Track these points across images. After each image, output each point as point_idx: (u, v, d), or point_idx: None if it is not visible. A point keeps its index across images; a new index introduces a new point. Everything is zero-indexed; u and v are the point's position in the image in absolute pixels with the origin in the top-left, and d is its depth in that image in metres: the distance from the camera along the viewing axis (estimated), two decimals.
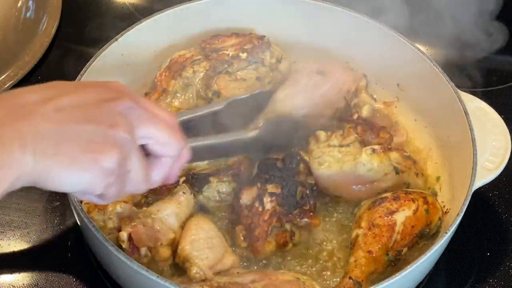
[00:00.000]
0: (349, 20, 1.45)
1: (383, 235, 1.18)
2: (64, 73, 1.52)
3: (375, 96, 1.47)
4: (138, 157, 0.85)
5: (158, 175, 0.90)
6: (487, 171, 1.23)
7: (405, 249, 1.19)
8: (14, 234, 1.29)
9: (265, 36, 1.45)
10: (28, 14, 1.60)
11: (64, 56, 1.57)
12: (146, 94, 1.40)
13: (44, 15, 1.60)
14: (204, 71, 1.40)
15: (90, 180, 0.81)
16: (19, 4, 1.59)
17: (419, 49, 1.39)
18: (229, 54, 1.40)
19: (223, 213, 1.27)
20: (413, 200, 1.21)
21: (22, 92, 0.82)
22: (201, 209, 1.26)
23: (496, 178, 1.24)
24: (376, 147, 1.26)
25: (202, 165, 1.28)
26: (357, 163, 1.24)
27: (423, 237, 1.22)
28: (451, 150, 1.34)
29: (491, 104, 1.33)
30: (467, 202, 1.16)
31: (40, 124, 0.79)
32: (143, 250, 1.16)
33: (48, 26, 1.59)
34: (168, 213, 1.18)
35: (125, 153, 0.83)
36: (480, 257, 1.32)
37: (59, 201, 1.33)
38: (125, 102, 0.85)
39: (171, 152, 0.89)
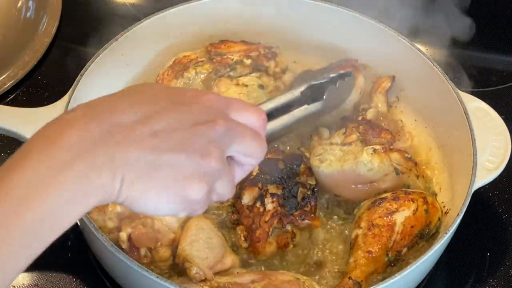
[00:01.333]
0: (349, 20, 1.45)
1: (382, 235, 1.18)
2: (64, 73, 1.52)
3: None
4: (227, 177, 0.85)
5: (239, 179, 0.90)
6: (487, 171, 1.22)
7: (404, 249, 1.19)
8: None
9: (273, 47, 1.44)
10: (28, 14, 1.59)
11: (64, 56, 1.56)
12: None
13: (44, 15, 1.60)
14: (206, 73, 1.39)
15: (175, 208, 0.81)
16: (19, 4, 1.59)
17: (419, 49, 1.39)
18: (233, 58, 1.40)
19: (223, 213, 1.26)
20: (412, 200, 1.21)
21: (117, 106, 0.80)
22: None
23: (496, 178, 1.24)
24: (377, 147, 1.26)
25: None
26: (358, 162, 1.24)
27: (422, 237, 1.22)
28: (451, 150, 1.34)
29: (491, 104, 1.33)
30: (467, 202, 1.16)
31: (134, 152, 0.77)
32: (143, 251, 1.16)
33: (48, 26, 1.59)
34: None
35: (213, 182, 0.83)
36: (480, 257, 1.32)
37: None
38: (219, 127, 0.83)
39: (255, 161, 0.89)
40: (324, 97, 1.28)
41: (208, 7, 1.46)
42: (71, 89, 1.27)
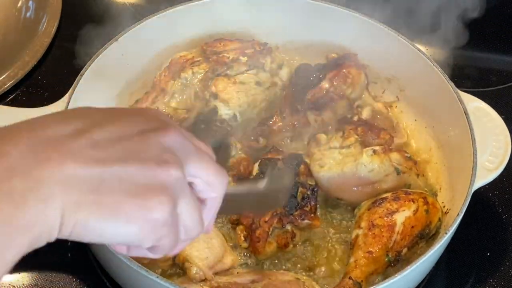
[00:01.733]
0: (348, 20, 1.45)
1: (383, 236, 1.18)
2: (64, 73, 1.51)
3: (376, 96, 1.47)
4: (191, 198, 0.70)
5: (208, 218, 0.74)
6: (487, 171, 1.23)
7: (405, 250, 1.19)
8: None
9: (267, 43, 1.44)
10: (28, 14, 1.59)
11: (64, 56, 1.56)
12: (146, 94, 1.39)
13: (44, 15, 1.60)
14: (203, 72, 1.39)
15: (137, 233, 0.65)
16: (19, 4, 1.59)
17: (419, 49, 1.39)
18: (229, 57, 1.40)
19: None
20: (413, 201, 1.21)
21: (46, 121, 0.65)
22: None
23: (496, 178, 1.24)
24: (376, 148, 1.26)
25: None
26: (358, 164, 1.24)
27: (423, 237, 1.22)
28: (451, 150, 1.34)
29: (491, 104, 1.33)
30: (467, 203, 1.16)
31: (72, 167, 0.62)
32: None
33: (48, 26, 1.59)
34: None
35: (176, 197, 0.67)
36: (480, 257, 1.32)
37: None
38: (172, 134, 0.69)
39: (218, 191, 0.74)
40: (265, 176, 1.22)
41: (207, 8, 1.46)
42: (71, 89, 1.27)
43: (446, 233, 1.12)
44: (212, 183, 0.73)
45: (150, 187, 0.65)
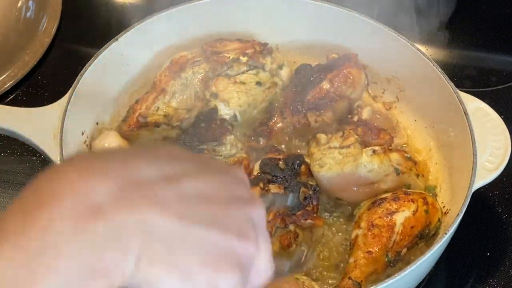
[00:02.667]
0: (349, 20, 1.45)
1: (382, 236, 1.18)
2: (64, 73, 1.52)
3: (376, 96, 1.47)
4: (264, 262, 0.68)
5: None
6: (487, 172, 1.22)
7: (404, 250, 1.19)
8: None
9: (268, 43, 1.44)
10: (28, 14, 1.59)
11: (64, 56, 1.57)
12: (146, 94, 1.39)
13: (44, 15, 1.61)
14: (204, 72, 1.40)
15: None
16: (19, 4, 1.59)
17: (419, 49, 1.39)
18: (229, 57, 1.40)
19: None
20: (412, 201, 1.21)
21: (138, 159, 0.62)
22: None
23: (496, 178, 1.24)
24: (376, 148, 1.26)
25: None
26: (358, 164, 1.24)
27: (422, 238, 1.22)
28: (451, 151, 1.33)
29: (491, 104, 1.33)
30: (467, 203, 1.16)
31: (155, 218, 0.58)
32: None
33: (48, 26, 1.60)
34: None
35: (247, 272, 0.65)
36: (480, 257, 1.32)
37: None
38: (257, 210, 0.67)
39: (264, 280, 0.70)
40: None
41: (208, 7, 1.46)
42: (70, 89, 1.27)
43: (446, 233, 1.12)
44: (264, 271, 0.69)
45: (224, 261, 0.62)
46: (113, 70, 1.37)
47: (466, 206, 1.15)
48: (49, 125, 1.22)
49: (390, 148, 1.30)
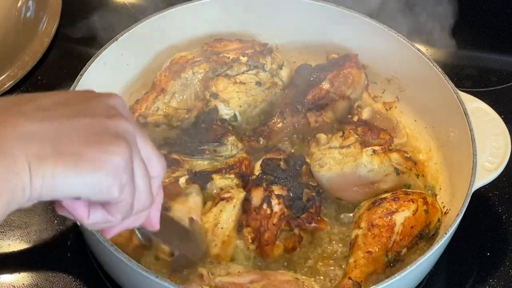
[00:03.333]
0: (349, 20, 1.45)
1: (382, 236, 1.18)
2: (64, 73, 1.52)
3: (376, 96, 1.47)
4: (142, 161, 0.73)
5: (156, 190, 0.78)
6: (487, 172, 1.23)
7: (404, 250, 1.19)
8: (14, 234, 1.29)
9: (268, 43, 1.44)
10: (28, 14, 1.59)
11: (64, 56, 1.57)
12: (145, 94, 1.40)
13: (44, 15, 1.61)
14: (204, 72, 1.40)
15: (104, 179, 0.68)
16: (19, 4, 1.59)
17: (419, 50, 1.39)
18: (229, 57, 1.40)
19: None
20: (412, 201, 1.21)
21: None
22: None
23: (496, 178, 1.24)
24: (376, 148, 1.26)
25: (202, 164, 1.27)
26: (358, 164, 1.24)
27: (422, 238, 1.22)
28: (451, 151, 1.33)
29: (491, 104, 1.33)
30: (467, 203, 1.16)
31: (26, 125, 0.66)
32: None
33: (48, 26, 1.60)
34: (184, 214, 1.17)
35: (131, 146, 0.71)
36: (480, 257, 1.32)
37: None
38: (114, 97, 0.75)
39: (158, 172, 0.77)
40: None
41: (208, 8, 1.46)
42: (71, 88, 1.27)
43: (445, 233, 1.12)
44: (152, 160, 0.75)
45: (105, 135, 0.68)
46: (113, 70, 1.37)
47: (466, 206, 1.15)
48: None
49: (390, 148, 1.30)
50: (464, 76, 1.44)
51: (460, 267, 1.31)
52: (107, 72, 1.35)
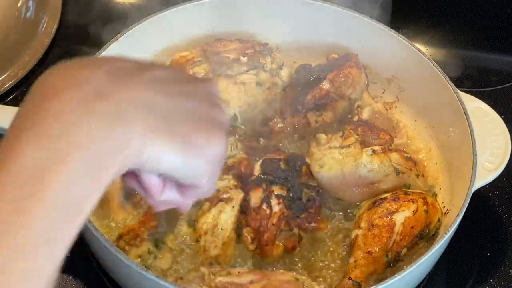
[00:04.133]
0: (349, 20, 1.45)
1: (382, 236, 1.17)
2: None
3: (375, 96, 1.48)
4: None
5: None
6: (487, 172, 1.22)
7: (404, 250, 1.19)
8: None
9: (268, 43, 1.44)
10: (28, 14, 1.59)
11: (64, 56, 1.48)
12: None
13: (44, 15, 1.60)
14: (204, 73, 1.39)
15: (203, 166, 0.69)
16: (19, 4, 1.59)
17: (419, 50, 1.39)
18: (229, 57, 1.40)
19: None
20: (412, 201, 1.21)
21: (111, 58, 0.72)
22: None
23: (496, 178, 1.24)
24: (376, 148, 1.26)
25: None
26: (358, 164, 1.24)
27: (422, 238, 1.21)
28: (451, 151, 1.33)
29: (491, 104, 1.33)
30: (467, 203, 1.15)
31: (146, 93, 0.66)
32: None
33: (48, 26, 1.59)
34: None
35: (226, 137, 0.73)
36: (480, 257, 1.32)
37: None
38: (214, 85, 0.77)
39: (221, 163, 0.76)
40: None
41: (207, 7, 1.46)
42: None
43: (446, 234, 1.12)
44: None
45: (210, 123, 0.70)
46: None
47: (466, 206, 1.15)
48: None
49: (390, 148, 1.29)
50: (464, 76, 1.43)
51: (460, 267, 1.31)
52: None
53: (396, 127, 1.40)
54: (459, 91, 1.31)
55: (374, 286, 1.04)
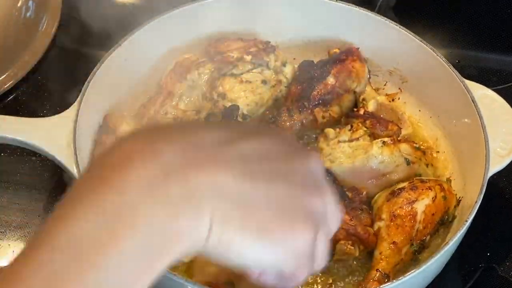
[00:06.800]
0: (347, 13, 1.44)
1: (405, 225, 1.17)
2: (64, 73, 1.51)
3: (378, 88, 1.47)
4: (326, 234, 0.67)
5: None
6: (500, 158, 1.21)
7: (428, 237, 1.19)
8: (14, 234, 1.27)
9: (270, 41, 1.43)
10: (28, 14, 1.57)
11: (64, 56, 1.55)
12: (151, 98, 1.37)
13: (44, 15, 1.58)
14: (209, 73, 1.38)
15: (279, 258, 0.62)
16: (19, 4, 1.57)
17: (420, 40, 1.38)
18: (233, 56, 1.39)
19: None
20: (430, 188, 1.20)
21: (194, 127, 0.65)
22: None
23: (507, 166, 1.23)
24: (386, 139, 1.26)
25: None
26: (369, 156, 1.23)
27: (443, 224, 1.21)
28: (459, 138, 1.32)
29: None
30: (483, 190, 1.14)
31: (224, 177, 0.59)
32: None
33: (48, 26, 1.57)
34: None
35: (317, 230, 0.64)
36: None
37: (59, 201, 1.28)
38: (314, 159, 0.67)
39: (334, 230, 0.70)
40: None
41: (208, 9, 1.44)
42: (79, 97, 1.25)
43: (466, 221, 1.11)
44: (336, 221, 0.69)
45: (296, 212, 0.62)
46: (116, 75, 1.34)
47: (483, 193, 1.14)
48: (61, 134, 1.20)
49: (399, 139, 1.29)
50: (464, 76, 1.41)
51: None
52: (111, 78, 1.32)
53: (401, 118, 1.38)
54: (464, 79, 1.31)
55: (402, 277, 1.03)
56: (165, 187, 0.56)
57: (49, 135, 1.19)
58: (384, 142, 1.24)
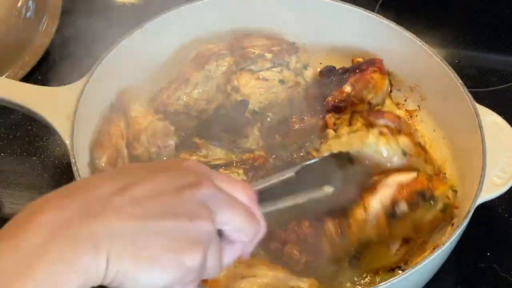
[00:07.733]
0: (377, 26, 1.45)
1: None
2: (64, 73, 1.50)
3: (398, 103, 1.50)
4: (216, 248, 0.79)
5: (229, 260, 0.84)
6: (495, 186, 1.20)
7: (403, 205, 1.16)
8: None
9: (295, 42, 1.47)
10: (28, 14, 1.62)
11: (64, 56, 1.58)
12: (169, 83, 1.41)
13: (44, 15, 1.64)
14: (227, 65, 1.42)
15: (171, 279, 0.74)
16: (19, 4, 1.61)
17: (441, 60, 1.40)
18: (254, 52, 1.44)
19: None
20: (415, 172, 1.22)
21: (95, 182, 0.77)
22: None
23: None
24: (383, 129, 1.28)
25: (220, 152, 1.29)
26: (364, 145, 1.26)
27: (424, 199, 1.18)
28: (464, 162, 1.33)
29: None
30: (469, 216, 1.15)
31: (115, 222, 0.72)
32: None
33: (48, 26, 1.63)
34: None
35: (206, 249, 0.77)
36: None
37: None
38: (205, 189, 0.79)
39: (246, 237, 0.83)
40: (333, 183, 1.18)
41: (236, 2, 1.48)
42: (90, 71, 1.29)
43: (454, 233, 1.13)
44: (243, 228, 0.82)
45: (183, 242, 0.75)
46: (120, 72, 1.37)
47: (468, 218, 1.16)
48: (64, 105, 1.25)
49: (399, 130, 1.31)
50: (464, 76, 1.41)
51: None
52: (114, 74, 1.35)
53: (413, 134, 1.38)
54: (476, 104, 1.33)
55: (404, 272, 1.06)
56: (67, 233, 0.70)
57: (52, 104, 1.26)
58: (381, 132, 1.26)
